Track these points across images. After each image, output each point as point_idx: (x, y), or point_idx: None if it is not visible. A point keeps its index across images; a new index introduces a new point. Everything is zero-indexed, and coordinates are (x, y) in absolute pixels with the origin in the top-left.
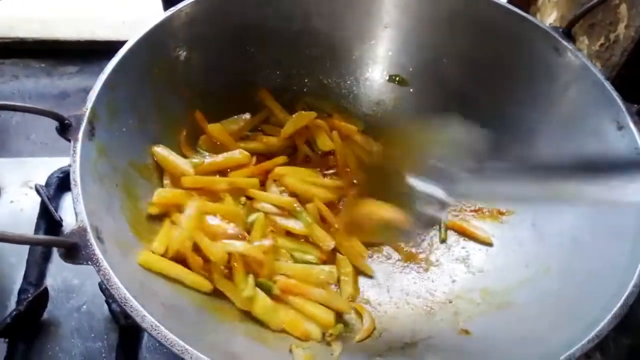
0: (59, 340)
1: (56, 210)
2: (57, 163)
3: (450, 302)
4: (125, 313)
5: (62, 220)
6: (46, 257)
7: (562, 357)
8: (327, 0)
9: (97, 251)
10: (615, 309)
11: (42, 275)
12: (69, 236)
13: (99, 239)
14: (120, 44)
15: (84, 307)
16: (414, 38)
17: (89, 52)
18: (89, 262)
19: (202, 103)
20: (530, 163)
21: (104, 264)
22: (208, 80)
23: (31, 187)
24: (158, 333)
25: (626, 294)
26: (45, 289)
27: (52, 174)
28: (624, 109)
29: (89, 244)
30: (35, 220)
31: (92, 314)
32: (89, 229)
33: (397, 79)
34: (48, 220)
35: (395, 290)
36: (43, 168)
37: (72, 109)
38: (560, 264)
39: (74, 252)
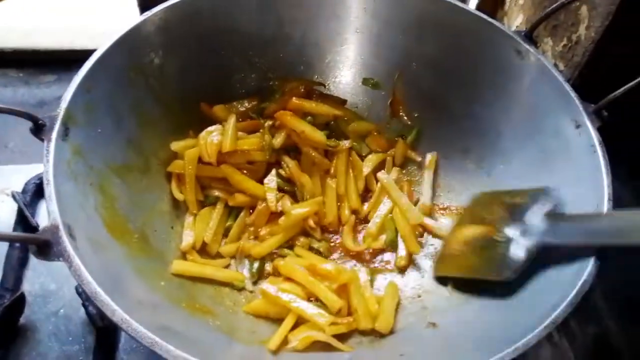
0: (36, 345)
1: (33, 217)
2: (33, 169)
3: (419, 296)
4: (102, 315)
5: (38, 226)
6: (23, 263)
7: (522, 342)
8: (298, 6)
9: (69, 247)
10: (570, 297)
11: (18, 280)
12: (41, 233)
13: (71, 235)
14: None
15: (61, 311)
16: (384, 42)
17: (68, 62)
18: (61, 259)
19: (178, 105)
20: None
21: (76, 260)
22: (184, 82)
23: (8, 195)
24: (128, 326)
25: (581, 281)
26: (22, 294)
27: (29, 181)
28: (581, 109)
29: (60, 240)
30: (12, 226)
31: (69, 318)
32: (60, 226)
33: (371, 82)
34: (25, 226)
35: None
36: (20, 175)
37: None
38: None
39: (46, 249)
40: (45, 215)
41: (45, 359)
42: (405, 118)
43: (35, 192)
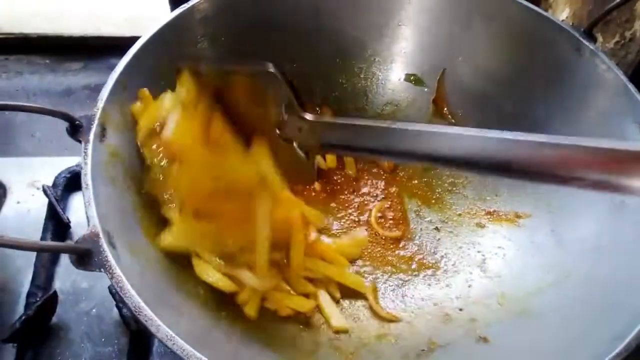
0: (69, 345)
1: (64, 211)
2: (63, 162)
3: (467, 308)
4: (136, 318)
5: (69, 222)
6: (54, 260)
7: None
8: None
9: (110, 258)
10: None
11: (50, 278)
12: (81, 242)
13: (111, 244)
14: (125, 40)
15: (94, 310)
16: (428, 36)
17: (94, 49)
18: (102, 269)
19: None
20: None
21: (117, 271)
22: None
23: (38, 188)
24: (174, 344)
25: None
26: (55, 293)
27: (59, 174)
28: None
29: (101, 249)
30: (42, 222)
31: (101, 318)
32: (101, 235)
33: (414, 78)
34: (56, 221)
35: (409, 297)
36: (49, 168)
37: (77, 106)
38: (581, 271)
39: (86, 259)
40: (76, 211)
41: (78, 359)
42: (450, 116)
43: (66, 185)
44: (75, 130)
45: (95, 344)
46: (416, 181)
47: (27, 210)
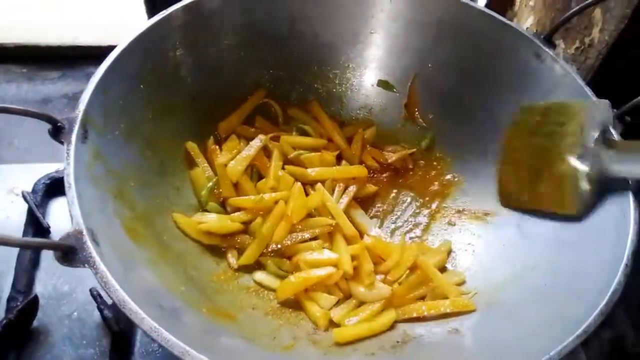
0: (50, 348)
1: (43, 217)
2: (42, 169)
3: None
4: (117, 319)
5: (49, 227)
6: (34, 264)
7: (552, 353)
8: (311, 3)
9: (94, 254)
10: (601, 306)
11: (31, 282)
12: (65, 239)
13: (95, 241)
14: (103, 49)
15: (75, 314)
16: (400, 43)
17: (71, 58)
18: (86, 265)
19: (192, 104)
20: None
21: (102, 266)
22: (199, 82)
23: (17, 194)
24: (158, 335)
25: (611, 290)
26: (35, 297)
27: (38, 180)
28: None
29: (85, 246)
30: (22, 227)
31: (83, 321)
32: (84, 232)
33: (386, 84)
34: (35, 227)
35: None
36: (28, 174)
37: (56, 114)
38: (546, 262)
39: (71, 255)
40: (56, 217)
41: None
42: (421, 120)
43: (45, 191)
44: (58, 132)
45: (76, 346)
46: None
47: (7, 217)
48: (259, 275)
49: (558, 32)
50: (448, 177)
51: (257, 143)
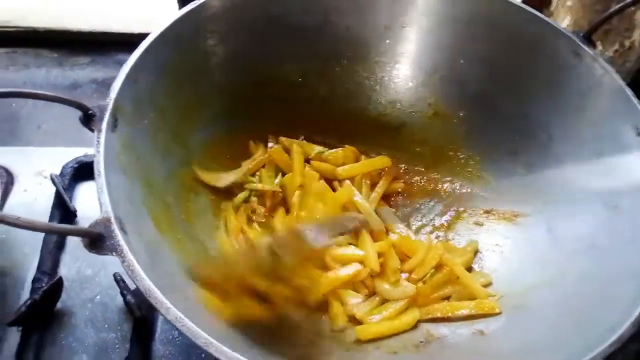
0: (73, 330)
1: (70, 201)
2: (70, 153)
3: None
4: (139, 304)
5: (76, 211)
6: (60, 247)
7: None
8: None
9: (122, 242)
10: (636, 314)
11: (56, 264)
12: (94, 226)
13: (123, 230)
14: (133, 36)
15: (98, 297)
16: (431, 39)
17: (101, 44)
18: (114, 253)
19: (219, 96)
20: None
21: (129, 255)
22: (228, 74)
23: (45, 177)
24: (182, 325)
25: None
26: (60, 279)
27: (66, 164)
28: None
29: (113, 234)
30: (49, 210)
31: (105, 305)
32: (113, 220)
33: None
34: (62, 210)
35: None
36: (56, 158)
37: (85, 100)
38: (577, 268)
39: (99, 242)
40: (82, 201)
41: (81, 345)
42: (452, 118)
43: (73, 175)
44: (88, 119)
45: (98, 330)
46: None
47: (34, 198)
48: None
49: (596, 34)
50: (477, 175)
51: None
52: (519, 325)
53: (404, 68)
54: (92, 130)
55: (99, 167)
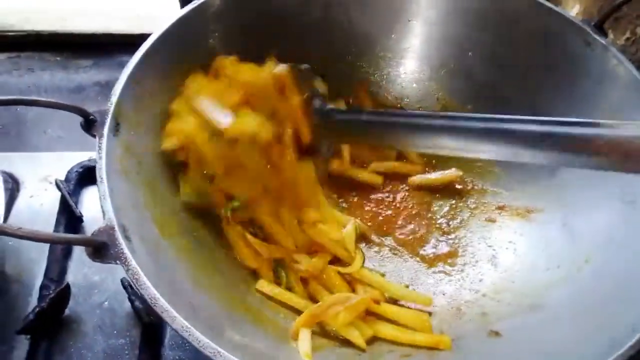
0: (81, 337)
1: (76, 205)
2: (75, 157)
3: (478, 302)
4: (148, 310)
5: (82, 215)
6: (67, 254)
7: None
8: None
9: (126, 250)
10: None
11: (63, 271)
12: (97, 235)
13: (126, 237)
14: (135, 37)
15: (106, 303)
16: (438, 32)
17: (104, 46)
18: (118, 262)
19: None
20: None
21: (133, 263)
22: None
23: (50, 182)
24: (189, 335)
25: None
26: (67, 286)
27: (71, 169)
28: None
29: (117, 242)
30: (55, 215)
31: (114, 311)
32: (116, 228)
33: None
34: (68, 215)
35: (420, 290)
36: (61, 163)
37: (88, 102)
38: (594, 264)
39: (103, 251)
40: (88, 205)
41: (91, 351)
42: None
43: (78, 180)
44: (90, 125)
45: (107, 336)
46: None
47: (40, 204)
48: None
49: (607, 22)
50: (488, 170)
51: None
52: (536, 325)
53: (411, 63)
54: (94, 136)
55: (101, 174)
